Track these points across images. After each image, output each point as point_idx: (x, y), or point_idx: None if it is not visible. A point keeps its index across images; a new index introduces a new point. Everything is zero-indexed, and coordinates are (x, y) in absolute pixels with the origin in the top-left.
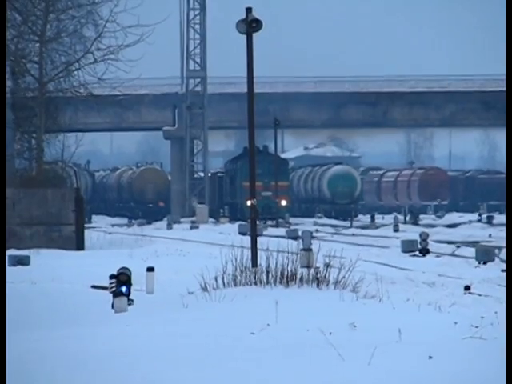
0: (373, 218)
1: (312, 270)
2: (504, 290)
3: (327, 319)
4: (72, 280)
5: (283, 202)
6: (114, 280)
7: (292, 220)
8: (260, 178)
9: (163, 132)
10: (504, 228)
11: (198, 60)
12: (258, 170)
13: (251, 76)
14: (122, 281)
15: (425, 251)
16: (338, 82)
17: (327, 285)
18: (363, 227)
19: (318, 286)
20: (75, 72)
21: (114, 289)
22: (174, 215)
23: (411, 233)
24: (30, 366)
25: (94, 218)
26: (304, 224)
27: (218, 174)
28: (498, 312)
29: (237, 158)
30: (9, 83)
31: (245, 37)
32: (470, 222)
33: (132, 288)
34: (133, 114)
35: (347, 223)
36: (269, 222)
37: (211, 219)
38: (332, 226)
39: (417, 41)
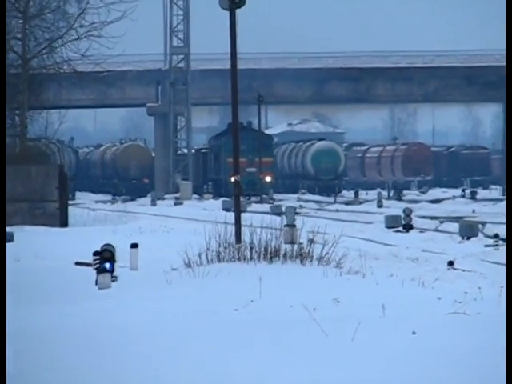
0: (356, 194)
1: (296, 246)
2: (488, 265)
3: (311, 295)
4: (56, 257)
5: (268, 178)
6: (97, 257)
7: (276, 196)
8: (244, 154)
9: (147, 108)
10: (487, 203)
11: (182, 36)
12: (242, 146)
13: (234, 52)
14: (105, 257)
15: (408, 227)
16: (321, 57)
17: (311, 261)
18: (347, 203)
19: (301, 262)
20: (58, 49)
21: (97, 265)
22: (157, 191)
23: (395, 208)
24: (14, 342)
25: (78, 194)
26: (288, 200)
27: (202, 151)
28: (482, 287)
29: (221, 134)
30: None
31: (228, 13)
32: (454, 197)
33: (116, 264)
34: (116, 91)
35: (331, 199)
36: (253, 198)
37: (195, 195)
38: (316, 201)
39: (400, 16)
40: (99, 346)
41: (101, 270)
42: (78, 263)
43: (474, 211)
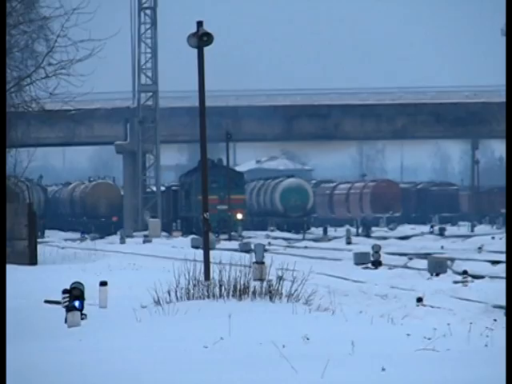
0: (325, 231)
1: (265, 283)
2: (457, 301)
3: (280, 332)
4: (25, 295)
5: (239, 216)
6: (67, 295)
7: (245, 233)
8: (216, 192)
9: (115, 146)
10: (456, 239)
11: (150, 74)
12: (214, 184)
13: (203, 90)
14: (75, 295)
15: (377, 263)
16: (289, 94)
17: (280, 298)
18: (316, 240)
19: (270, 299)
20: (27, 87)
21: (67, 303)
22: (126, 229)
23: (363, 245)
24: None
25: (47, 232)
26: (257, 237)
27: (173, 188)
28: (451, 324)
29: (191, 171)
30: None
31: (196, 50)
32: (422, 233)
33: (85, 302)
34: (85, 129)
35: (300, 236)
36: (222, 236)
37: (164, 233)
38: (285, 238)
39: (368, 54)
40: None
41: (70, 308)
42: (47, 301)
43: (442, 248)
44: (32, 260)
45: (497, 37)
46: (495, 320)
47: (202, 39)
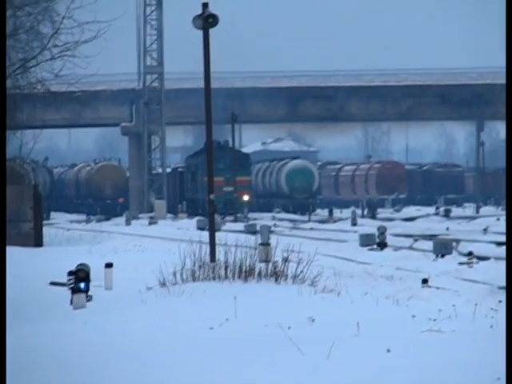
0: (331, 212)
1: (270, 265)
2: (462, 282)
3: (286, 314)
4: (30, 277)
5: (245, 197)
6: (72, 276)
7: (250, 215)
8: (222, 173)
9: (121, 128)
10: (461, 221)
11: (155, 56)
12: (220, 165)
13: (208, 71)
14: (80, 277)
15: (383, 245)
16: (295, 76)
17: (285, 279)
18: (321, 221)
19: (276, 280)
20: (32, 69)
21: (72, 285)
22: (132, 211)
23: (369, 227)
24: None
25: (53, 214)
26: (262, 219)
27: (179, 170)
28: (456, 305)
29: (198, 152)
30: None
31: (201, 32)
32: (428, 215)
33: (91, 284)
34: (90, 111)
35: (305, 217)
36: (227, 217)
37: (169, 215)
38: (290, 220)
39: (373, 35)
40: (74, 367)
41: (75, 290)
42: (52, 283)
43: (447, 229)
44: (37, 242)
45: (502, 18)
46: (500, 301)
47: (207, 21)
